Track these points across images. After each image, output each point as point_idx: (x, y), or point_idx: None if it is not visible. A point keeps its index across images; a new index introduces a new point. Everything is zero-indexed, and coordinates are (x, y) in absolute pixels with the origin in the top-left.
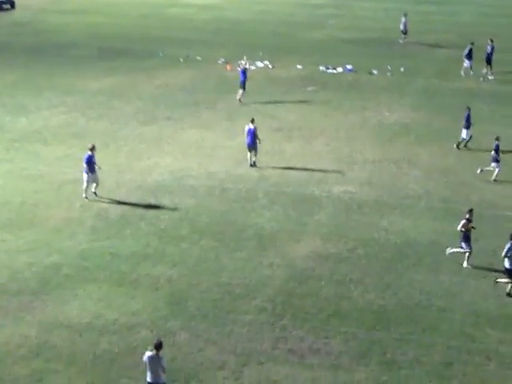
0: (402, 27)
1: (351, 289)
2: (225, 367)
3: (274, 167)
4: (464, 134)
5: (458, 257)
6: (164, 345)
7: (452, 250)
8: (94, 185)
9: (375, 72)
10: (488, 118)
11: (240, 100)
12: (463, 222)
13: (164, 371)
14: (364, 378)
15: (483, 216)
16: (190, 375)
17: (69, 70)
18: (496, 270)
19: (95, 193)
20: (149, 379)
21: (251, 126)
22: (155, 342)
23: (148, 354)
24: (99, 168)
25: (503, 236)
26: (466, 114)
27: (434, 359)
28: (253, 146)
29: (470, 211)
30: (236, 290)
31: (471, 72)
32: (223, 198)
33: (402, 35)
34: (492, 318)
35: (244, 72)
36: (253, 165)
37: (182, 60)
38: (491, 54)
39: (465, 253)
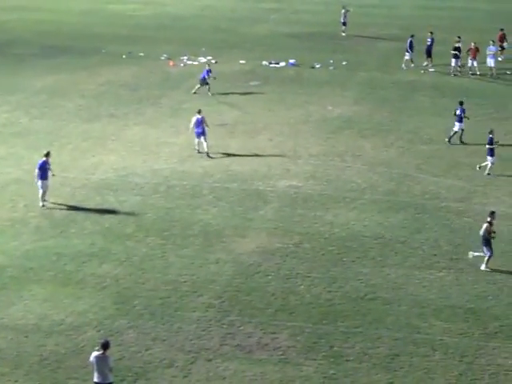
0: (342, 19)
1: (298, 283)
2: (173, 365)
3: (218, 163)
4: (456, 127)
5: (402, 249)
6: (111, 344)
7: (476, 254)
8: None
9: (318, 66)
10: (429, 110)
11: (195, 92)
12: (485, 225)
13: (111, 371)
14: (312, 372)
15: (426, 207)
16: (138, 374)
17: (11, 68)
18: (439, 262)
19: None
20: (96, 379)
21: (199, 116)
22: (102, 341)
23: (95, 354)
24: (53, 175)
25: (446, 227)
26: (457, 108)
27: (380, 351)
28: (202, 132)
29: (492, 213)
30: (183, 287)
31: (412, 64)
32: (169, 195)
33: (343, 27)
34: (436, 308)
35: (209, 71)
36: (207, 155)
37: (124, 57)
38: (431, 46)
39: (485, 256)
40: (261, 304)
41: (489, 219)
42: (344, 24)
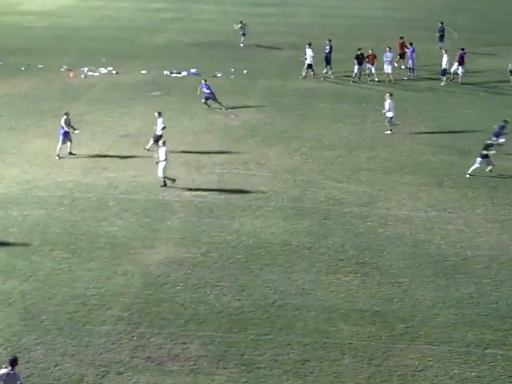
0: (241, 31)
1: (207, 292)
2: (83, 380)
3: (122, 175)
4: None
5: (309, 255)
6: (19, 362)
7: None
8: None
9: (219, 75)
10: (330, 117)
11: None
12: None
13: None
14: (224, 381)
15: (331, 213)
16: None
17: None
18: (345, 267)
19: None
20: None
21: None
22: (10, 358)
23: (3, 371)
24: None
25: (351, 231)
26: (499, 127)
27: (290, 357)
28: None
29: None
30: (91, 300)
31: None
32: (73, 208)
33: (242, 38)
34: (344, 312)
35: (208, 87)
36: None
37: (23, 68)
38: (330, 53)
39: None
40: (170, 315)
41: None
42: (244, 35)
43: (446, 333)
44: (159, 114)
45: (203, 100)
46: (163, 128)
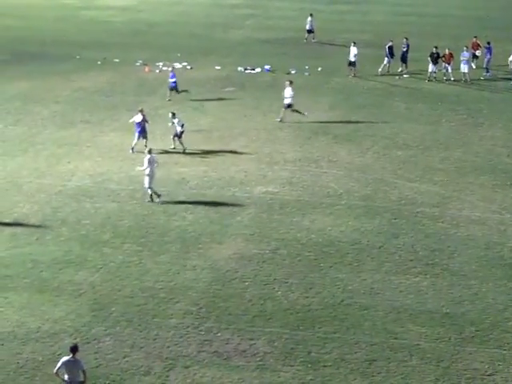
0: (308, 27)
1: (275, 289)
2: (150, 372)
3: (194, 169)
4: None
5: (378, 254)
6: (88, 352)
7: None
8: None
9: (293, 72)
10: (404, 116)
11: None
12: None
13: (85, 374)
14: (289, 378)
15: (402, 213)
16: (116, 382)
17: None
18: (415, 267)
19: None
20: (66, 379)
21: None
22: (71, 345)
23: (64, 359)
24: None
25: (422, 232)
26: None
27: (357, 357)
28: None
29: None
30: (160, 293)
31: (387, 70)
32: (145, 202)
33: (307, 34)
34: (413, 313)
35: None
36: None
37: (99, 63)
38: (406, 52)
39: None
40: (238, 310)
41: None
42: (309, 32)
43: None
44: (173, 114)
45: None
46: (182, 126)
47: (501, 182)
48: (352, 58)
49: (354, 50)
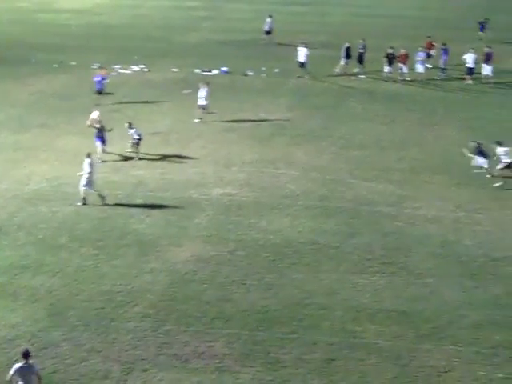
0: (266, 28)
1: (233, 290)
2: (109, 376)
3: (151, 172)
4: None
5: (336, 254)
6: (46, 357)
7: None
8: None
9: (250, 73)
10: (361, 116)
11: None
12: None
13: (40, 378)
14: (249, 379)
15: (359, 213)
16: None
17: None
18: (372, 266)
19: None
20: None
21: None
22: (22, 351)
23: (17, 365)
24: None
25: (379, 231)
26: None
27: (316, 356)
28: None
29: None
30: (118, 297)
31: (337, 70)
32: (102, 205)
33: (265, 36)
34: (370, 312)
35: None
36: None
37: (56, 66)
38: (363, 53)
39: None
40: (197, 312)
41: None
42: (267, 33)
43: (473, 334)
44: (130, 124)
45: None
46: (139, 135)
47: (456, 180)
48: (302, 59)
49: (304, 51)
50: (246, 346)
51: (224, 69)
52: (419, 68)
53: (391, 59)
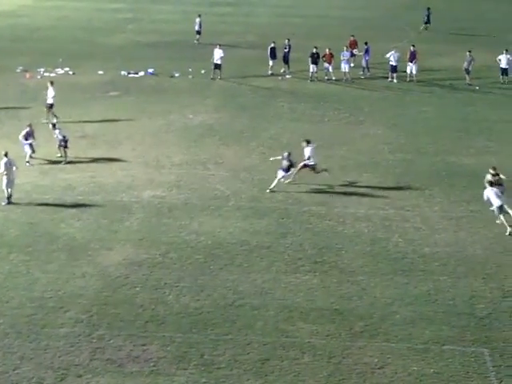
0: (196, 28)
1: (166, 293)
2: (42, 383)
3: (81, 176)
4: None
5: (268, 254)
6: None
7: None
8: None
9: (177, 75)
10: (288, 116)
11: None
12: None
13: None
14: (183, 382)
15: (289, 212)
16: None
17: None
18: (304, 265)
19: None
20: None
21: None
22: None
23: None
24: None
25: (310, 230)
26: None
27: (250, 357)
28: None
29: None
30: (49, 303)
31: (270, 71)
32: (31, 210)
33: (197, 36)
34: (303, 311)
35: None
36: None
37: None
38: (288, 53)
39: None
40: (130, 316)
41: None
42: (198, 33)
43: (405, 330)
44: (53, 125)
45: None
46: (64, 136)
47: (384, 178)
48: (217, 61)
49: (219, 53)
50: (180, 349)
51: (150, 70)
52: (344, 67)
53: (316, 59)
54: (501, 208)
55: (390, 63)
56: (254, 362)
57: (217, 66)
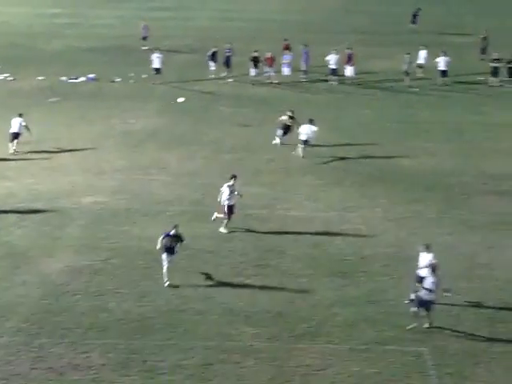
0: (143, 34)
1: (108, 300)
2: None
3: (21, 183)
4: None
5: (211, 259)
6: None
7: None
8: None
9: (118, 80)
10: (230, 120)
11: None
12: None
13: None
14: None
15: (233, 216)
16: None
17: None
18: (247, 269)
19: None
20: None
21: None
22: None
23: None
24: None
25: (252, 234)
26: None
27: (193, 362)
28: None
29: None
30: None
31: (213, 75)
32: None
33: (143, 41)
34: (246, 315)
35: None
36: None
37: None
38: (230, 57)
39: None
40: (71, 324)
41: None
42: (144, 38)
43: (346, 331)
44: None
45: None
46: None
47: (325, 180)
48: (157, 65)
49: (158, 57)
50: (123, 355)
51: (91, 76)
52: (285, 71)
53: (257, 62)
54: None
55: (330, 66)
56: (197, 367)
57: (157, 71)
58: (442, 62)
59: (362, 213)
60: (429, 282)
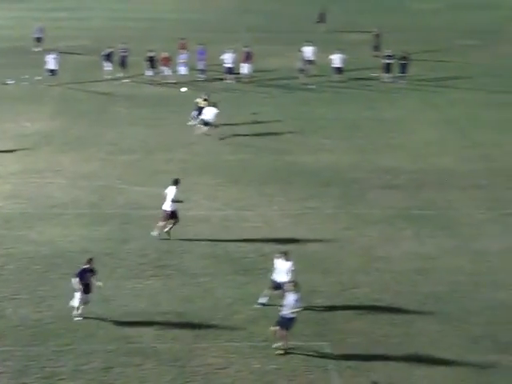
0: (36, 35)
1: (4, 306)
2: None
3: None
4: None
5: (109, 261)
6: None
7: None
8: None
9: (11, 82)
10: (127, 120)
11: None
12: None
13: None
14: None
15: (131, 217)
16: None
17: None
18: (146, 270)
19: None
20: None
21: None
22: None
23: None
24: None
25: (151, 235)
26: None
27: (94, 366)
28: None
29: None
30: None
31: (109, 76)
32: None
33: (37, 42)
34: (147, 316)
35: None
36: None
37: None
38: (125, 57)
39: None
40: None
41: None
42: (38, 40)
43: (247, 329)
44: None
45: None
46: None
47: (223, 179)
48: (52, 67)
49: (52, 58)
50: (21, 363)
51: None
52: (182, 70)
53: (153, 62)
54: None
55: (225, 65)
56: (97, 371)
57: (52, 72)
58: (337, 60)
59: (260, 211)
60: (290, 300)
